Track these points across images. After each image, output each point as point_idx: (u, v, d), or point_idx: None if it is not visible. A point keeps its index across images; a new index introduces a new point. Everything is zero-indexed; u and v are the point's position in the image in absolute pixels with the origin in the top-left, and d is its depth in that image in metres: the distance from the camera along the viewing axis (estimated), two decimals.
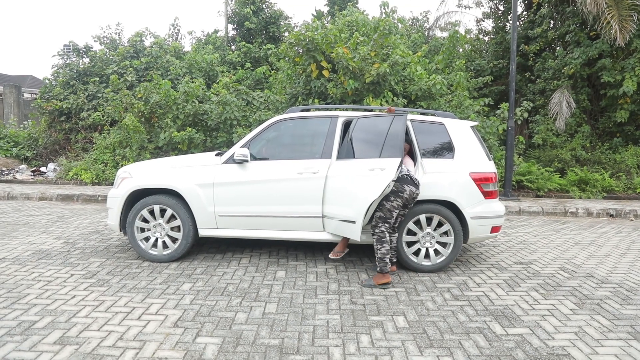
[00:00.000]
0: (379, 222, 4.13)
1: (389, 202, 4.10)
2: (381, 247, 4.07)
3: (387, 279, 4.09)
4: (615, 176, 10.57)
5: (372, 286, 4.08)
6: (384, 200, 4.12)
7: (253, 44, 16.16)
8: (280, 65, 12.01)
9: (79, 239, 5.63)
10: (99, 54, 14.06)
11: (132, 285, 4.01)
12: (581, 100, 11.81)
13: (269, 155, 4.82)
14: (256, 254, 5.11)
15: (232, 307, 3.57)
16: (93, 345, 2.90)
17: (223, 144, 10.02)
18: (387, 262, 4.09)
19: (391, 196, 4.11)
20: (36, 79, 31.84)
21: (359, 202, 4.00)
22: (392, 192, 4.11)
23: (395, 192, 4.10)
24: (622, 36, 10.01)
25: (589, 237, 6.48)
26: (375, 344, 3.01)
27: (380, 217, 4.13)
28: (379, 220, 4.13)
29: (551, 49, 13.58)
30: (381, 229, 4.11)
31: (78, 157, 12.10)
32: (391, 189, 4.10)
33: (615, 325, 3.40)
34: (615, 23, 9.98)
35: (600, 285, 4.32)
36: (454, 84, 10.60)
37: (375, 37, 9.41)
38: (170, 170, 4.77)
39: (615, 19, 10.02)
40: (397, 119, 4.11)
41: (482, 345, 3.03)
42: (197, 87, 10.65)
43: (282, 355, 2.83)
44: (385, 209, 4.12)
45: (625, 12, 10.16)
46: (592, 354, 2.95)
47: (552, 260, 5.19)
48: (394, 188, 4.10)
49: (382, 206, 4.13)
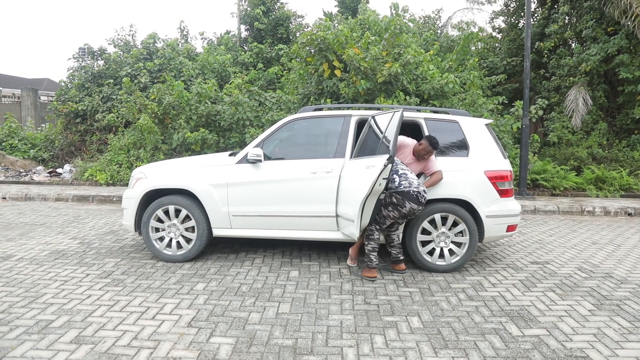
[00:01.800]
0: (371, 222, 4.29)
1: (387, 210, 4.19)
2: (368, 243, 4.31)
3: (373, 273, 4.27)
4: (634, 174, 10.38)
5: (360, 276, 4.36)
6: (382, 206, 4.20)
7: (264, 45, 16.19)
8: (292, 66, 12.02)
9: (94, 239, 5.69)
10: (113, 56, 14.21)
11: (146, 285, 4.04)
12: (597, 97, 11.62)
13: (282, 155, 4.82)
14: (269, 254, 5.12)
15: (246, 307, 3.57)
16: (108, 344, 2.92)
17: (236, 144, 10.05)
18: (373, 258, 4.29)
19: (390, 206, 4.17)
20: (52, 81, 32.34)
21: (355, 200, 3.98)
22: (392, 203, 4.16)
23: (394, 204, 4.15)
24: None
25: (607, 237, 6.36)
26: (390, 345, 2.99)
27: (374, 219, 4.26)
28: (372, 221, 4.28)
29: (566, 45, 13.38)
30: (370, 228, 4.30)
31: (93, 159, 12.24)
32: (392, 200, 4.15)
33: (635, 327, 3.33)
34: None
35: (619, 286, 4.24)
36: (467, 82, 10.50)
37: (386, 36, 9.37)
38: (184, 171, 4.79)
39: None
40: (395, 115, 4.06)
41: (498, 347, 2.99)
42: (210, 88, 10.71)
43: (296, 356, 2.82)
44: (381, 214, 4.22)
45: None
46: (611, 356, 2.89)
47: (568, 260, 5.11)
48: (394, 200, 4.15)
49: (380, 210, 4.21)
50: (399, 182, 4.17)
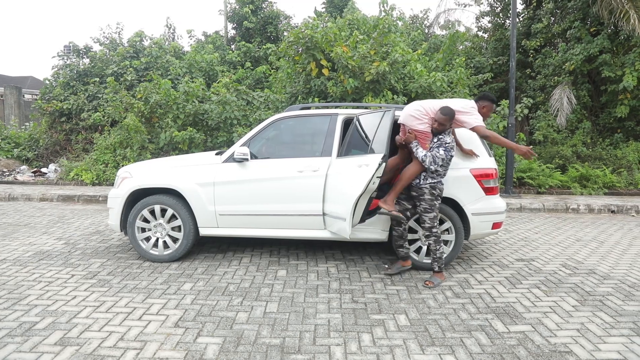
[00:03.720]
0: (434, 223, 4.12)
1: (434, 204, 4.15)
2: (440, 247, 4.16)
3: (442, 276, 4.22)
4: (617, 172, 10.55)
5: (439, 284, 4.15)
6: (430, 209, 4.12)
7: (252, 44, 16.13)
8: (280, 64, 11.99)
9: (79, 240, 5.62)
10: (99, 54, 14.06)
11: (133, 285, 4.01)
12: (582, 97, 11.78)
13: (269, 154, 4.81)
14: (257, 253, 5.11)
15: (233, 307, 3.56)
16: (94, 346, 2.89)
17: (223, 143, 10.01)
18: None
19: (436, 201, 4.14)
20: (37, 79, 31.86)
21: (347, 198, 3.99)
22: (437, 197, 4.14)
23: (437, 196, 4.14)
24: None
25: (591, 234, 6.46)
26: (377, 343, 3.00)
27: (433, 218, 4.12)
28: (434, 221, 4.12)
29: (552, 45, 13.54)
30: (437, 230, 4.15)
31: (79, 158, 12.10)
32: (429, 192, 4.10)
33: (617, 322, 3.39)
34: (633, 12, 9.92)
35: (602, 282, 4.30)
36: (454, 81, 10.58)
37: (374, 35, 9.39)
38: (170, 170, 4.76)
39: (632, 9, 9.96)
40: (386, 115, 4.08)
41: (483, 343, 3.02)
42: (197, 87, 10.64)
43: (284, 355, 2.83)
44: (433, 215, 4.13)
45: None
46: (594, 350, 2.94)
47: (553, 257, 5.18)
48: (436, 191, 4.12)
49: (430, 210, 4.12)
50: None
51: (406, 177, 4.14)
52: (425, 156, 4.00)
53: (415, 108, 4.17)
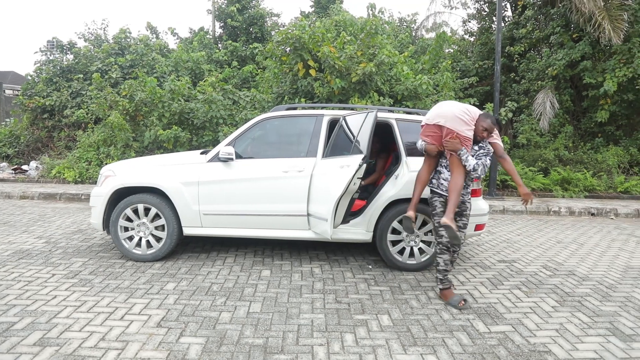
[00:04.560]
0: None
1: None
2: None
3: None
4: (597, 176, 10.74)
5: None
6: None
7: (238, 43, 16.06)
8: (267, 64, 11.96)
9: (61, 239, 5.55)
10: (83, 50, 13.87)
11: (115, 285, 3.97)
12: (564, 101, 11.97)
13: (254, 154, 4.81)
14: (241, 253, 5.09)
15: (217, 307, 3.55)
16: (74, 346, 2.86)
17: (209, 142, 9.95)
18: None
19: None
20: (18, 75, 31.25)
21: (329, 199, 4.01)
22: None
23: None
24: (617, 34, 10.16)
25: (571, 236, 6.57)
26: (360, 343, 3.02)
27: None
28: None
29: (536, 50, 13.74)
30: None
31: (61, 156, 11.92)
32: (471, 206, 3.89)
33: (595, 322, 3.46)
34: (607, 23, 10.13)
35: (581, 283, 4.39)
36: (440, 84, 10.67)
37: (362, 36, 9.42)
38: (154, 169, 4.73)
39: (606, 19, 10.18)
40: (368, 116, 4.11)
41: (465, 343, 3.06)
42: (183, 85, 10.56)
43: (266, 355, 2.83)
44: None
45: (615, 12, 10.32)
46: (572, 350, 3.00)
47: (534, 258, 5.26)
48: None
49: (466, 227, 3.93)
50: None
51: (457, 190, 3.61)
52: (477, 165, 3.63)
53: (462, 111, 3.68)
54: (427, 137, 3.82)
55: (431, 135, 3.77)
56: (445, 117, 3.69)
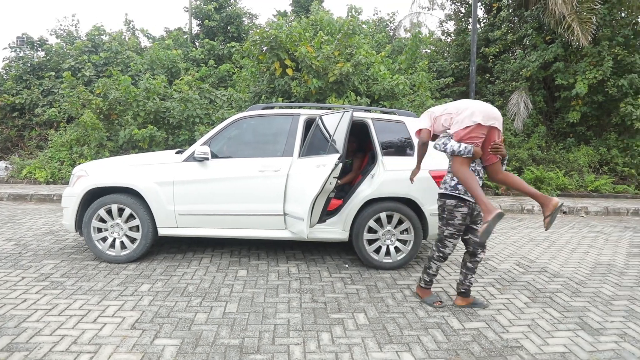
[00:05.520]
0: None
1: None
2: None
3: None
4: (569, 175, 11.02)
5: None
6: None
7: (215, 42, 15.91)
8: (244, 63, 11.90)
9: (31, 240, 5.41)
10: (55, 47, 13.55)
11: (87, 287, 3.89)
12: (537, 102, 12.24)
13: (230, 153, 4.77)
14: (217, 253, 5.05)
15: (192, 308, 3.52)
16: (45, 350, 2.80)
17: (185, 142, 9.84)
18: None
19: None
20: None
21: (305, 198, 4.02)
22: None
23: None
24: (585, 37, 10.44)
25: (543, 234, 6.72)
26: (336, 342, 3.03)
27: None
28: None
29: (510, 51, 14.00)
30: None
31: (32, 155, 11.61)
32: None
33: (565, 317, 3.55)
34: (576, 25, 10.41)
35: (552, 279, 4.50)
36: (416, 84, 10.78)
37: (339, 36, 9.46)
38: (128, 169, 4.65)
39: (576, 21, 10.45)
40: (344, 116, 4.13)
41: (439, 340, 3.10)
42: (159, 84, 10.41)
43: (242, 355, 2.81)
44: None
45: (585, 15, 10.61)
46: (543, 344, 3.07)
47: (508, 256, 5.36)
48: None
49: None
50: None
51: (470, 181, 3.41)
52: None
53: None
54: (477, 140, 3.43)
55: (480, 137, 3.44)
56: (498, 120, 3.47)
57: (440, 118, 3.67)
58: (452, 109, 3.60)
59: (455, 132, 3.49)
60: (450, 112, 3.58)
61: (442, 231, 3.60)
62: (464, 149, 3.40)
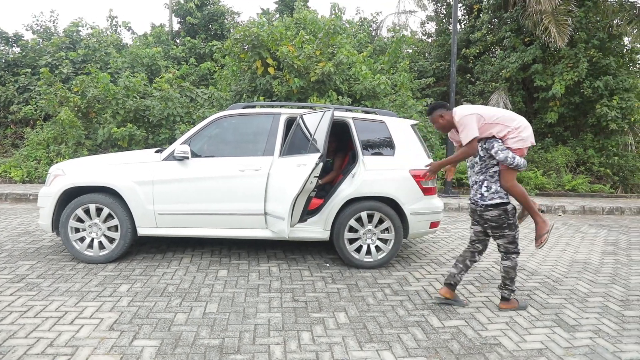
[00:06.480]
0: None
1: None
2: None
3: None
4: (547, 174, 11.23)
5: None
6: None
7: (197, 40, 15.77)
8: (226, 62, 11.82)
9: (6, 241, 5.28)
10: (30, 43, 13.25)
11: (65, 288, 3.82)
12: (517, 102, 12.44)
13: (210, 153, 4.74)
14: (198, 253, 5.01)
15: (172, 308, 3.48)
16: (19, 353, 2.73)
17: (166, 140, 9.73)
18: None
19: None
20: None
21: (286, 198, 4.02)
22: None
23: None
24: (561, 38, 10.66)
25: (522, 232, 6.81)
26: (317, 341, 3.04)
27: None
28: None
29: (490, 52, 14.21)
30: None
31: (7, 154, 11.36)
32: None
33: (542, 314, 3.61)
34: (553, 27, 10.62)
35: (530, 277, 4.58)
36: (397, 84, 10.85)
37: (320, 36, 9.46)
38: (107, 168, 4.58)
39: (552, 23, 10.67)
40: (325, 115, 4.14)
41: (419, 338, 3.13)
42: (139, 82, 10.28)
43: (222, 355, 2.80)
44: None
45: (561, 17, 10.83)
46: (520, 342, 3.12)
47: (487, 254, 5.42)
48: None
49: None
50: None
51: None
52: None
53: None
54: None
55: None
56: None
57: (493, 127, 3.53)
58: (509, 121, 3.52)
59: (517, 148, 3.55)
60: (509, 126, 3.51)
61: (512, 235, 3.67)
62: (522, 164, 3.58)
